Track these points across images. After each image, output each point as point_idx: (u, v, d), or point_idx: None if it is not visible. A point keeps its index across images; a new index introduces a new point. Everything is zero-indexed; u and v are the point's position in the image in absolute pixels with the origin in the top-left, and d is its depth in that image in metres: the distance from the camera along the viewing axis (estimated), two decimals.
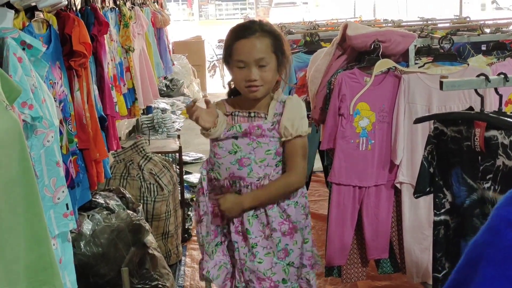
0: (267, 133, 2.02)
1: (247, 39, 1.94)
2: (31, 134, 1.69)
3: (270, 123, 2.02)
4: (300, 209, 2.12)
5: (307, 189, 4.20)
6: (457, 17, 5.84)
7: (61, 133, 2.09)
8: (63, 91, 2.23)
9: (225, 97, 2.19)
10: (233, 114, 2.09)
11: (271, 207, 2.06)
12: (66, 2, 2.39)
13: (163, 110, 6.99)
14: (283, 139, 2.00)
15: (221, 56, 2.08)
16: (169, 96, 8.30)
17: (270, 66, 1.96)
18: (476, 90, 1.75)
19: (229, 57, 1.99)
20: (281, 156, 2.04)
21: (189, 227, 4.10)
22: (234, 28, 2.03)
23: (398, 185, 2.70)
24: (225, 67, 2.11)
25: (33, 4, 2.07)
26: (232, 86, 2.12)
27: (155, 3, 6.98)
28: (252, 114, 2.06)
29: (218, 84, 11.54)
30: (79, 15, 2.65)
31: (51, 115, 1.75)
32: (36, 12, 2.13)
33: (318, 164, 4.07)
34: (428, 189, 1.89)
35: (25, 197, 1.35)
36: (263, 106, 2.05)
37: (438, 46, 2.78)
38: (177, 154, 4.00)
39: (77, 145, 2.33)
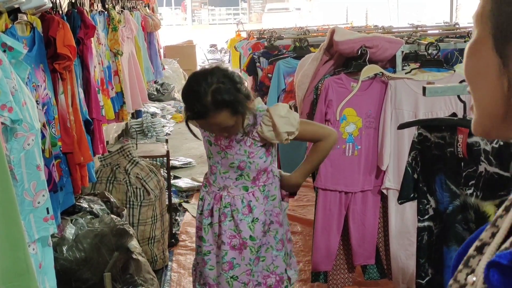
0: (234, 144, 2.06)
1: (204, 120, 1.97)
2: (10, 137, 1.67)
3: (240, 134, 2.04)
4: (260, 226, 2.12)
5: (295, 194, 4.21)
6: (447, 24, 5.87)
7: (44, 136, 2.07)
8: (47, 94, 2.21)
9: None
10: None
11: (223, 220, 2.10)
12: (51, 5, 2.38)
13: (153, 114, 6.97)
14: (291, 138, 2.06)
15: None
16: (159, 100, 8.28)
17: (230, 122, 1.97)
18: (459, 96, 1.75)
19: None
20: (243, 170, 2.09)
21: (176, 232, 4.08)
22: (185, 89, 2.00)
23: (384, 191, 2.69)
24: None
25: (16, 6, 2.05)
26: None
27: (146, 7, 6.97)
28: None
29: None
30: (65, 18, 2.63)
31: (32, 118, 1.73)
32: (20, 14, 2.11)
33: None
34: (412, 195, 1.88)
35: (0, 201, 1.33)
36: None
37: (425, 53, 2.79)
38: (165, 158, 3.98)
39: (60, 148, 2.30)
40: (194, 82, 1.95)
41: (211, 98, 1.89)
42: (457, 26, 5.13)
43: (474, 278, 0.59)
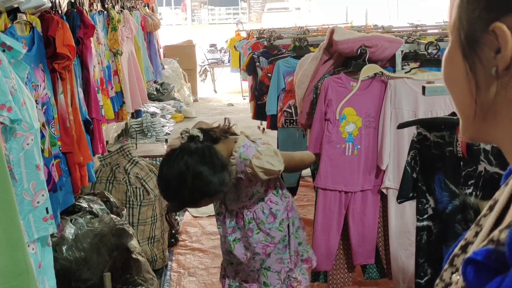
0: (232, 190, 2.06)
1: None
2: (10, 136, 1.67)
3: (234, 179, 1.99)
4: (285, 225, 2.21)
5: (295, 194, 4.22)
6: (447, 23, 5.87)
7: (43, 136, 2.07)
8: (46, 93, 2.21)
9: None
10: None
11: (251, 235, 2.14)
12: (50, 4, 2.37)
13: (153, 114, 6.97)
14: (275, 176, 2.02)
15: None
16: (159, 100, 8.27)
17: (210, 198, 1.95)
18: None
19: None
20: (253, 195, 2.10)
21: (176, 232, 4.08)
22: (163, 194, 1.98)
23: (384, 191, 2.69)
24: (215, 70, 2.12)
25: (16, 5, 2.04)
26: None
27: (146, 7, 6.97)
28: None
29: (209, 88, 11.53)
30: (65, 17, 2.63)
31: (31, 117, 1.73)
32: (19, 14, 2.11)
33: (306, 169, 4.06)
34: (411, 195, 1.88)
35: None
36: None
37: (425, 52, 2.78)
38: None
39: (60, 148, 2.30)
40: (166, 180, 1.88)
41: (188, 196, 1.86)
42: None
43: (458, 277, 0.60)
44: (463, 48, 0.61)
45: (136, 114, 6.37)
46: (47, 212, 1.78)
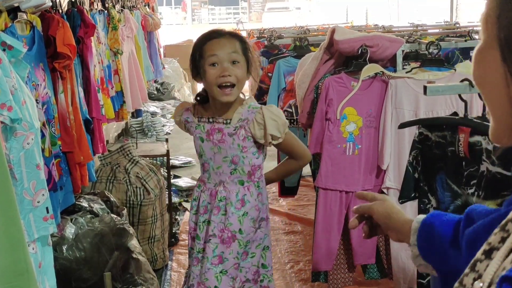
0: (227, 138, 2.07)
1: (218, 39, 2.02)
2: (10, 136, 1.66)
3: (232, 127, 2.06)
4: (249, 221, 2.12)
5: (295, 194, 4.22)
6: (447, 23, 5.87)
7: (43, 135, 2.07)
8: (47, 93, 2.20)
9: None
10: (198, 118, 2.15)
11: (216, 213, 2.09)
12: (51, 4, 2.37)
13: (153, 114, 6.97)
14: (274, 142, 2.07)
15: (191, 72, 2.14)
16: (159, 99, 8.27)
17: (241, 64, 2.02)
18: (460, 95, 1.74)
19: (201, 59, 2.03)
20: (237, 165, 2.09)
21: (176, 231, 4.07)
22: (202, 35, 2.10)
23: (385, 190, 2.68)
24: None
25: (16, 5, 2.04)
26: (201, 95, 2.17)
27: (146, 7, 6.96)
28: (211, 120, 2.11)
29: None
30: (65, 17, 2.63)
31: (32, 117, 1.72)
32: (19, 13, 2.10)
33: (307, 169, 4.05)
34: (413, 195, 1.88)
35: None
36: (227, 111, 2.09)
37: (426, 52, 2.78)
38: (165, 157, 3.97)
39: (60, 147, 2.30)
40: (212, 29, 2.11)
41: (239, 42, 2.04)
42: (458, 25, 5.13)
43: (481, 285, 0.58)
44: (502, 49, 0.56)
45: (137, 113, 6.37)
46: (48, 212, 1.77)
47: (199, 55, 2.03)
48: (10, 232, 1.34)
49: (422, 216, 1.09)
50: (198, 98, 2.18)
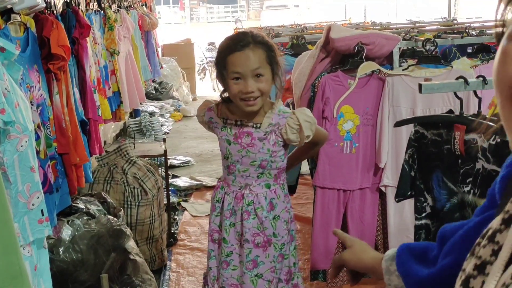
0: (257, 143, 2.04)
1: (241, 52, 1.93)
2: (3, 139, 1.65)
3: (262, 132, 2.04)
4: (282, 224, 2.13)
5: (294, 192, 4.20)
6: (445, 20, 5.85)
7: (38, 137, 2.06)
8: (41, 94, 2.19)
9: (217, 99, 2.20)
10: (223, 119, 2.11)
11: (246, 218, 2.08)
12: (44, 5, 2.36)
13: (151, 113, 6.96)
14: (307, 141, 2.08)
15: (215, 73, 2.08)
16: (158, 99, 8.26)
17: (266, 76, 1.96)
18: (455, 93, 1.74)
19: (224, 70, 1.97)
20: (264, 169, 2.07)
21: (175, 231, 4.07)
22: (227, 41, 2.01)
23: (382, 188, 2.68)
24: (215, 72, 2.10)
25: (9, 6, 2.03)
26: (225, 96, 2.11)
27: (144, 6, 6.95)
28: (239, 123, 2.07)
29: (208, 87, 11.51)
30: (60, 17, 2.62)
31: (25, 119, 1.71)
32: (13, 15, 2.09)
33: (305, 167, 4.05)
34: (409, 193, 1.87)
35: None
36: (256, 116, 2.05)
37: (423, 49, 2.77)
38: (163, 157, 3.96)
39: (56, 149, 2.29)
40: (238, 35, 2.04)
41: (264, 51, 1.97)
42: (455, 22, 5.11)
43: None
44: None
45: (135, 113, 6.37)
46: (43, 214, 1.77)
47: (223, 67, 1.98)
48: (2, 235, 1.33)
49: (390, 253, 1.07)
50: (223, 96, 2.13)
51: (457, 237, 0.85)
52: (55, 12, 2.60)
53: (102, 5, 4.02)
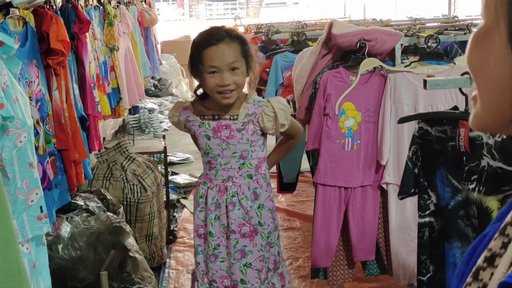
0: (236, 134, 2.09)
1: (217, 46, 1.99)
2: (2, 134, 1.63)
3: (240, 123, 2.09)
4: (267, 212, 2.18)
5: (294, 190, 4.19)
6: (446, 16, 5.83)
7: (37, 133, 2.04)
8: (40, 90, 2.17)
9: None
10: (200, 116, 2.14)
11: (231, 209, 2.12)
12: None
13: (151, 110, 6.93)
14: (282, 130, 2.13)
15: (189, 68, 2.13)
16: (157, 96, 8.23)
17: (241, 69, 2.02)
18: (460, 89, 1.71)
19: (200, 64, 2.01)
20: (245, 159, 2.12)
21: (174, 228, 4.05)
22: (201, 36, 2.06)
23: (384, 186, 2.66)
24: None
25: (8, 0, 2.01)
26: (199, 93, 2.17)
27: (143, 2, 6.92)
28: (216, 117, 2.11)
29: None
30: (59, 12, 2.59)
31: (24, 114, 1.69)
32: (12, 9, 2.07)
33: (305, 165, 4.03)
34: (412, 190, 1.85)
35: None
36: (232, 108, 2.10)
37: (425, 45, 2.75)
38: (163, 154, 3.94)
39: (55, 145, 2.27)
40: (211, 30, 2.08)
41: (238, 45, 2.02)
42: (456, 18, 5.09)
43: None
44: (511, 33, 0.53)
45: (134, 110, 6.34)
46: (41, 211, 1.75)
47: (198, 60, 2.02)
48: (1, 232, 1.31)
49: None
50: (197, 94, 2.18)
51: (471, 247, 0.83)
52: (54, 6, 2.58)
53: (102, 1, 4.00)
